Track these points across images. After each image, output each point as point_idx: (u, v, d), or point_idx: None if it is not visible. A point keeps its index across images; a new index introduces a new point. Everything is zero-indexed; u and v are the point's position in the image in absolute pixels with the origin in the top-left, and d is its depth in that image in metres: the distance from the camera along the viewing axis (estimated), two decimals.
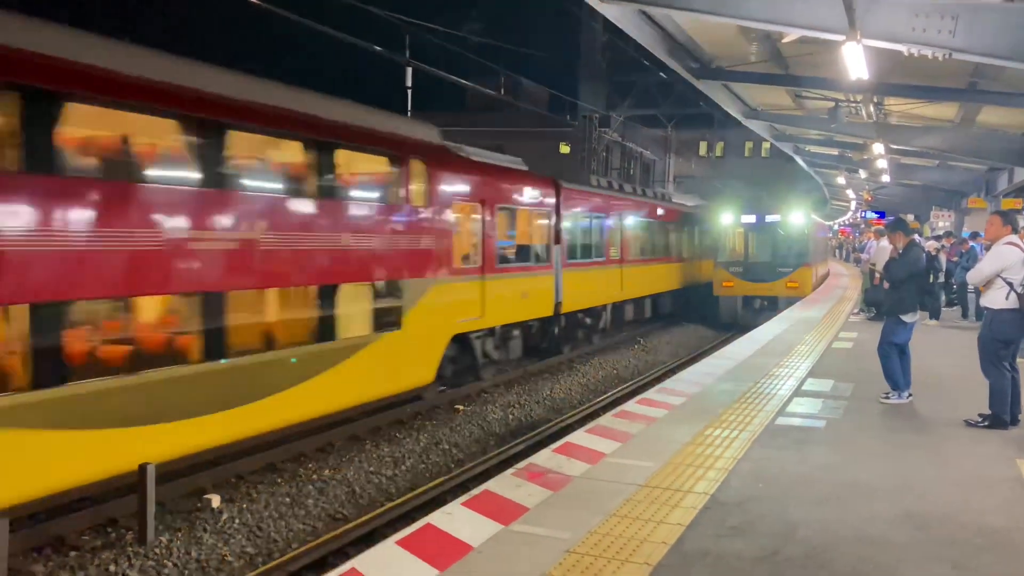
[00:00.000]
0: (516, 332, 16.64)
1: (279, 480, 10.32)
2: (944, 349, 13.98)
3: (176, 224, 8.71)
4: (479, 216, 14.58)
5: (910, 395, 9.67)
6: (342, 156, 11.34)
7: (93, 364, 8.03)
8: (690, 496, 6.11)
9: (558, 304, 17.92)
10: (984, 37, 10.34)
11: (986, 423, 8.47)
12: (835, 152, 33.41)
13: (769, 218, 26.56)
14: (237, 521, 9.01)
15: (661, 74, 26.33)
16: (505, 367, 16.73)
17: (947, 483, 6.61)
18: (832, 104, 20.55)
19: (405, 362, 12.54)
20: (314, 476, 10.50)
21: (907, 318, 9.59)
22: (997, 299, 8.40)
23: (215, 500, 9.34)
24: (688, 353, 22.01)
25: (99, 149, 8.55)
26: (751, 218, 26.86)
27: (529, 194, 16.85)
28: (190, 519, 8.93)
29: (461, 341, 14.46)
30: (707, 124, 51.88)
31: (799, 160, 38.45)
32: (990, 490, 6.45)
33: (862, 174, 37.67)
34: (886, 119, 23.15)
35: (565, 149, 46.04)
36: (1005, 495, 6.33)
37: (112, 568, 7.74)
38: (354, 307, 11.46)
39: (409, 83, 25.88)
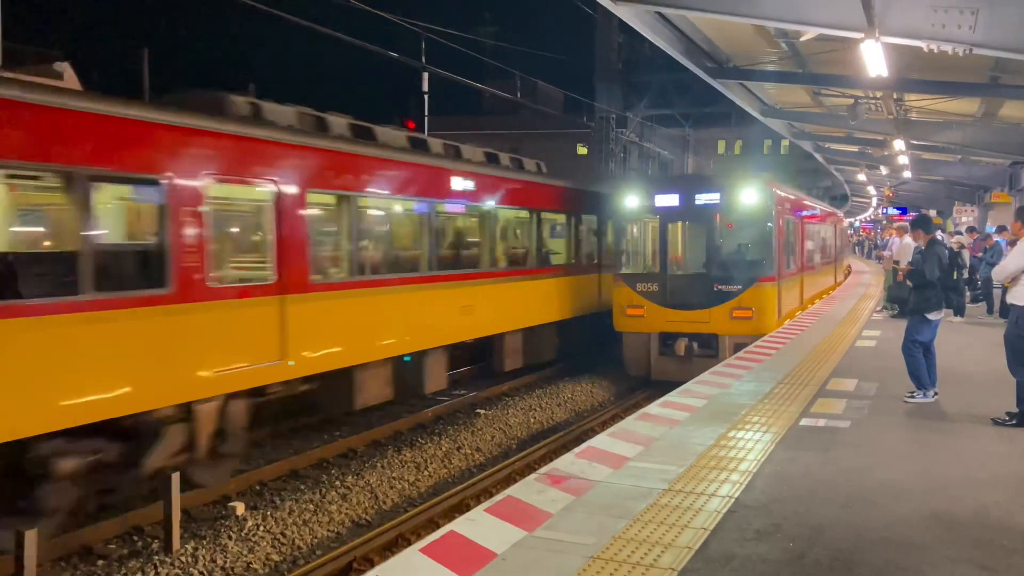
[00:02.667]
0: None
1: (302, 487, 10.37)
2: (969, 346, 13.82)
3: None
4: None
5: (936, 394, 9.57)
6: None
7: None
8: (714, 500, 6.08)
9: None
10: (1005, 31, 10.21)
11: (1014, 422, 8.35)
12: (855, 149, 33.14)
13: (701, 199, 16.54)
14: (261, 528, 9.06)
15: (678, 74, 26.17)
16: None
17: (975, 483, 6.53)
18: (851, 101, 20.40)
19: None
20: (337, 482, 10.54)
21: (932, 316, 9.49)
22: (1023, 296, 8.30)
23: (239, 507, 9.40)
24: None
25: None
26: (670, 199, 16.76)
27: None
28: (215, 527, 8.99)
29: None
30: (725, 123, 51.59)
31: (819, 157, 38.20)
32: (1019, 490, 6.36)
33: (883, 170, 37.40)
34: (906, 115, 22.97)
35: (582, 150, 46.00)
36: None
37: None
38: None
39: (426, 88, 25.95)
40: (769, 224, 16.35)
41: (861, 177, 43.71)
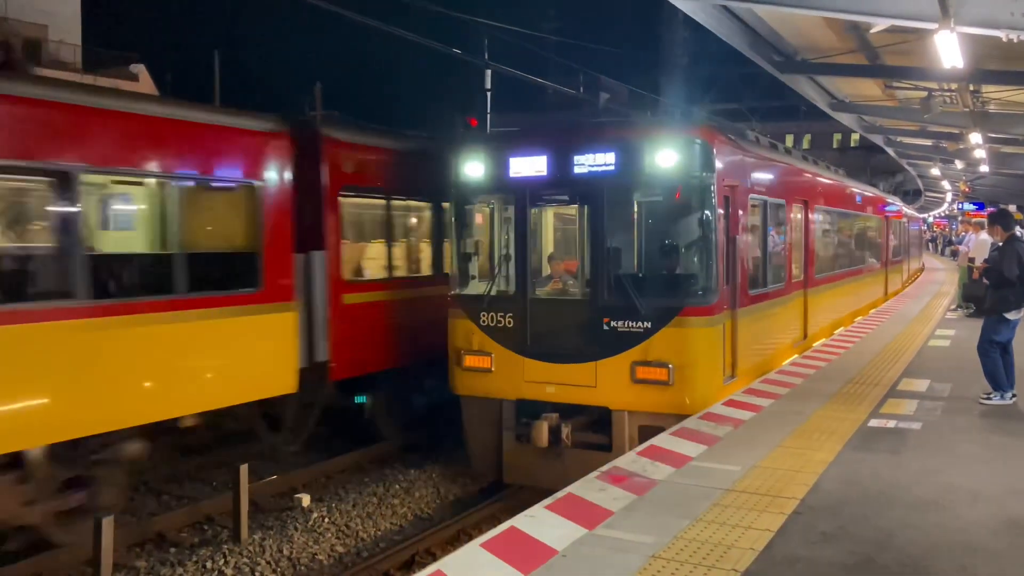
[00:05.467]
0: None
1: (366, 480, 10.53)
2: None
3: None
4: None
5: (1014, 396, 9.25)
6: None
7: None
8: (779, 500, 5.98)
9: None
10: None
11: None
12: (929, 143, 32.15)
13: (583, 163, 9.56)
14: (327, 520, 9.23)
15: (744, 67, 25.74)
16: None
17: None
18: (925, 94, 19.79)
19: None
20: (400, 476, 10.68)
21: (1010, 315, 9.17)
22: None
23: (305, 499, 9.60)
24: None
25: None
26: (534, 164, 9.86)
27: None
28: (282, 518, 9.20)
29: None
30: (792, 116, 50.61)
31: (890, 151, 37.21)
32: None
33: (958, 164, 36.20)
34: (984, 107, 22.17)
35: None
36: None
37: (208, 565, 8.03)
38: None
39: (488, 85, 26.03)
40: (706, 211, 9.28)
41: (935, 172, 42.44)
